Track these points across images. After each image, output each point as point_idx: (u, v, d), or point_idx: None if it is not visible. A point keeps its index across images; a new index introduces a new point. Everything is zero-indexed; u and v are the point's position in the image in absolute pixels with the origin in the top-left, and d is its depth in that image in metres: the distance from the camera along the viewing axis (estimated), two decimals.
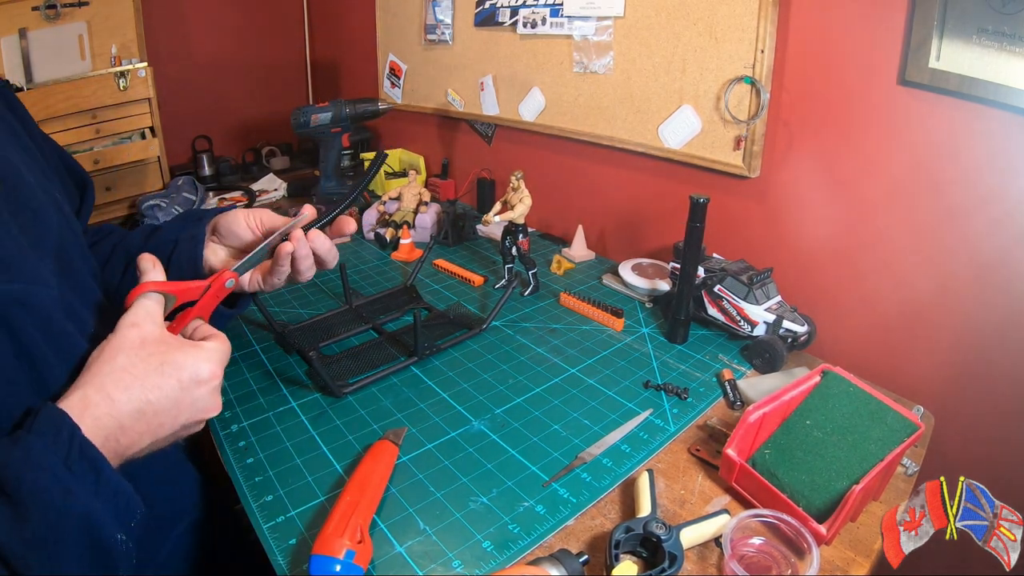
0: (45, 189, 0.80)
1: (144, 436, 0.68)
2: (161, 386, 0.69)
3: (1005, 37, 1.02)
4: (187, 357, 0.72)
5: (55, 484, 0.58)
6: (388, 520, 0.85)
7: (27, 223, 0.73)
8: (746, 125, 1.38)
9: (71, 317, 0.74)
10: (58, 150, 0.94)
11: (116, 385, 0.66)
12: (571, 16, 1.69)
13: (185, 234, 0.96)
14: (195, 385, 0.72)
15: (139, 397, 0.67)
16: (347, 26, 2.74)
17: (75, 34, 2.10)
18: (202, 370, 0.73)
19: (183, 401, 0.71)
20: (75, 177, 0.96)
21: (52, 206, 0.80)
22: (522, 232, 1.50)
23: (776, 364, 1.21)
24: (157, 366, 0.69)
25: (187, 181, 2.30)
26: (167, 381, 0.69)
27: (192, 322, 0.81)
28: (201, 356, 0.73)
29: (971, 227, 1.15)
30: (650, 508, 0.84)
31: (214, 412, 0.76)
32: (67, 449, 0.60)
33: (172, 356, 0.71)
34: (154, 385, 0.68)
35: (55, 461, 0.59)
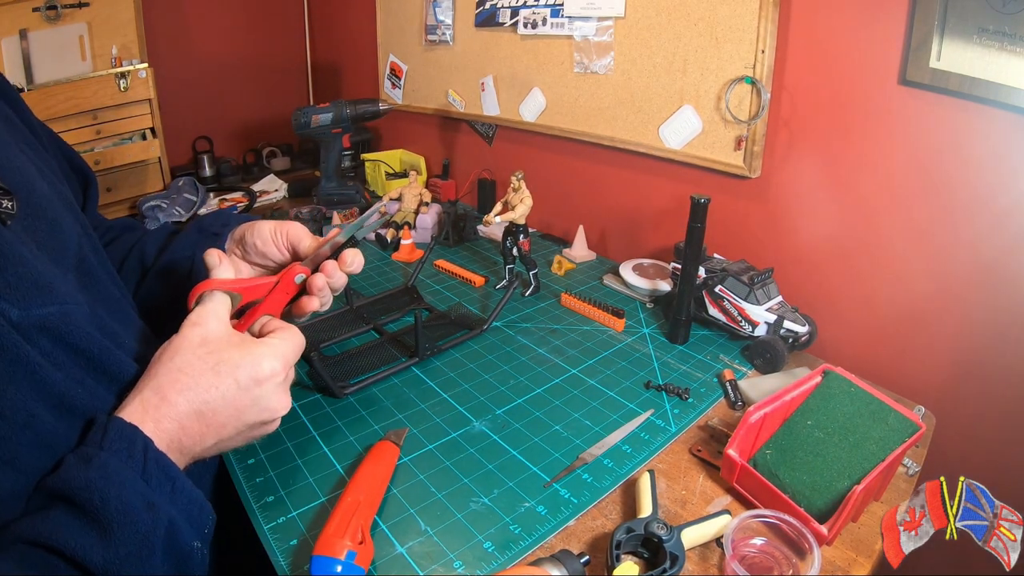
0: (58, 193, 0.78)
1: (206, 436, 0.68)
2: (217, 386, 0.68)
3: (1006, 37, 1.02)
4: (245, 355, 0.71)
5: (139, 499, 0.58)
6: (389, 521, 0.85)
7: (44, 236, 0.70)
8: (747, 125, 1.38)
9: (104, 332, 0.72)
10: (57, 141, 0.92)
11: (172, 387, 0.66)
12: (572, 16, 1.69)
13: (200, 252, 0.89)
14: (254, 384, 0.71)
15: (196, 398, 0.66)
16: (348, 27, 2.74)
17: (76, 35, 2.10)
18: (261, 368, 0.72)
19: (241, 400, 0.70)
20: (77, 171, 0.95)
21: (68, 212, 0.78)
22: (523, 232, 1.50)
23: (777, 364, 1.21)
24: (213, 365, 0.69)
25: (188, 182, 2.30)
26: (223, 380, 0.69)
27: (260, 319, 0.81)
28: (261, 353, 0.72)
29: (972, 227, 1.15)
30: (651, 508, 0.84)
31: (282, 410, 0.75)
32: (143, 462, 0.60)
33: (229, 355, 0.70)
34: (210, 385, 0.68)
35: (134, 476, 0.59)
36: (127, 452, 0.59)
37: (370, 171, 2.44)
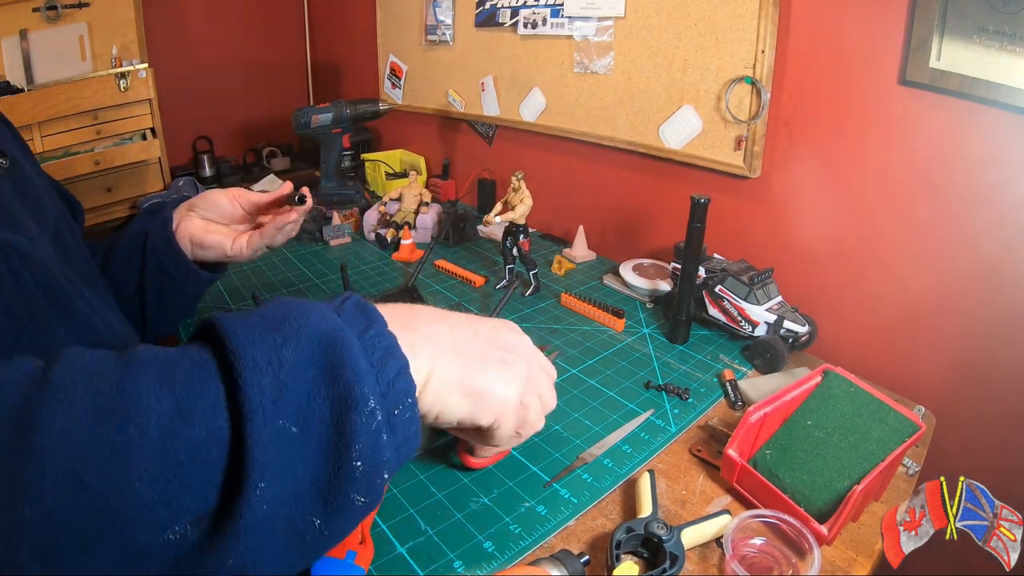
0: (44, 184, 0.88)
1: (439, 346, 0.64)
2: (452, 320, 0.70)
3: (1005, 37, 1.02)
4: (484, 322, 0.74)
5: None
6: (389, 520, 0.85)
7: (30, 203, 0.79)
8: (747, 125, 1.38)
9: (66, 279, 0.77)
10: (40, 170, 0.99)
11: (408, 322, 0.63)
12: (572, 16, 1.69)
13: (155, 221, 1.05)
14: (491, 329, 0.74)
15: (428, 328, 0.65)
16: (347, 27, 2.75)
17: (76, 35, 2.11)
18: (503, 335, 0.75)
19: (479, 326, 0.72)
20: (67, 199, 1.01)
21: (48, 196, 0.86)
22: (523, 232, 1.50)
23: (777, 364, 1.21)
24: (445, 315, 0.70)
25: (188, 182, 2.30)
26: (460, 320, 0.71)
27: None
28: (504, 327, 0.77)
29: (973, 226, 1.15)
30: (651, 508, 0.84)
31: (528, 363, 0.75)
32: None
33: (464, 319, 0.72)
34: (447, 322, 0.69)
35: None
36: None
37: (370, 171, 2.44)
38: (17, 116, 1.94)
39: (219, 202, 1.03)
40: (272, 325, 0.52)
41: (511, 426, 0.72)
